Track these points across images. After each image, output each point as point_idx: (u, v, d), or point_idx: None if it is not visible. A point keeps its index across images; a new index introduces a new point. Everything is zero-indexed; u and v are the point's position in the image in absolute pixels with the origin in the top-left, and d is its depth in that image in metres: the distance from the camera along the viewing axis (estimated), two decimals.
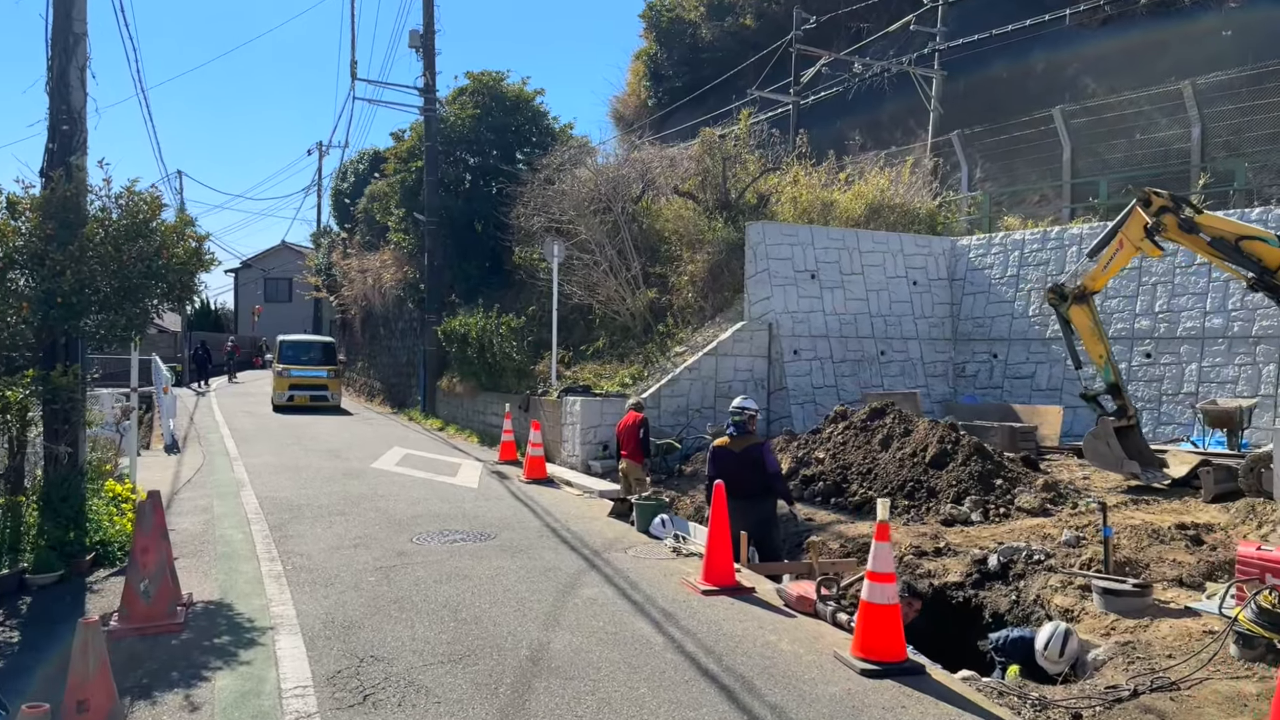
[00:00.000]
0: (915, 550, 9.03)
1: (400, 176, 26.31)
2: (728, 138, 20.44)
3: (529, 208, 20.87)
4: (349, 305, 34.75)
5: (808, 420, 16.29)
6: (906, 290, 18.13)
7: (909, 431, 11.74)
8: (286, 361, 26.46)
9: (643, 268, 19.20)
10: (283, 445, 17.60)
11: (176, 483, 13.18)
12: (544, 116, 26.35)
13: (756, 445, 8.45)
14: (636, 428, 11.81)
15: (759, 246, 16.95)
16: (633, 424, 11.85)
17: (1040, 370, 17.00)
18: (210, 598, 7.13)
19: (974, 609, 8.04)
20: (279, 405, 25.59)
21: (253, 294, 58.20)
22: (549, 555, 8.61)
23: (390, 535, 9.58)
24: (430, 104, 23.94)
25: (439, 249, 24.55)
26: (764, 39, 34.71)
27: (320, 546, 9.00)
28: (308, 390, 25.87)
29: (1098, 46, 27.25)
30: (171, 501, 11.61)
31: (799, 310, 16.88)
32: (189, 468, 14.73)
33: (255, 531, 9.72)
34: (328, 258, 39.16)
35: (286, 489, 12.66)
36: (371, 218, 30.44)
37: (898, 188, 20.72)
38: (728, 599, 7.14)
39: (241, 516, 10.61)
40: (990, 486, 10.48)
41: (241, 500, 11.75)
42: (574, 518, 10.73)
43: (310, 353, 27.43)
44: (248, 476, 13.71)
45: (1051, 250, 17.36)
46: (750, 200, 20.06)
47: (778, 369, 16.56)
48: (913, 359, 17.86)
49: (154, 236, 7.88)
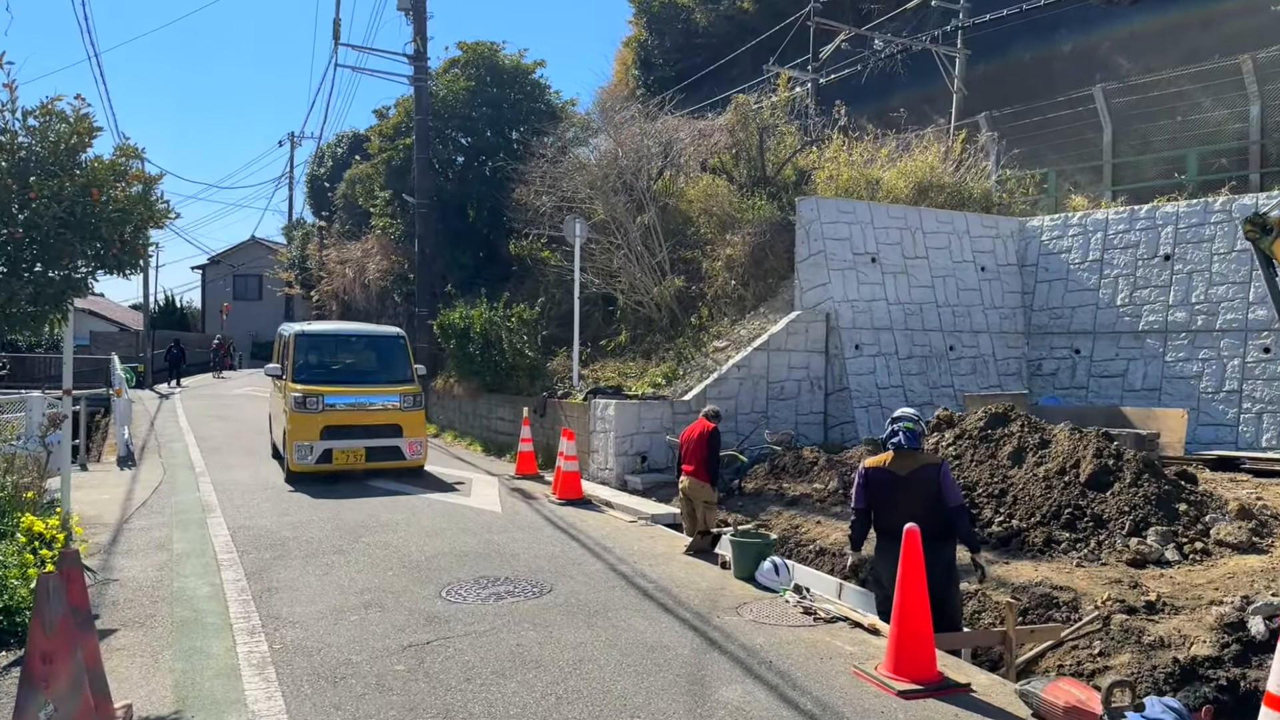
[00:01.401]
0: (1120, 605, 6.77)
1: (386, 155, 23.77)
2: (764, 107, 18.14)
3: (536, 186, 18.46)
4: (326, 301, 32.09)
5: (874, 427, 14.02)
6: (974, 277, 15.92)
7: (1045, 442, 9.48)
8: (312, 379, 12.97)
9: (669, 252, 16.85)
10: (258, 457, 15.06)
11: (127, 507, 10.65)
12: (545, 90, 23.94)
13: (933, 466, 6.13)
14: (705, 440, 9.44)
15: (812, 225, 14.66)
16: (702, 435, 9.48)
17: (1133, 368, 14.84)
18: (161, 711, 4.70)
19: (1242, 696, 5.78)
20: (301, 471, 12.34)
21: (221, 291, 55.21)
22: (639, 622, 6.23)
23: (411, 585, 7.18)
24: (422, 73, 21.43)
25: (430, 235, 22.01)
26: (762, 24, 32.59)
27: (319, 608, 6.57)
28: (363, 439, 12.62)
29: (1130, 26, 25.60)
30: (119, 534, 9.11)
31: (859, 299, 14.60)
32: (145, 486, 12.18)
33: (227, 581, 7.27)
34: (302, 251, 36.49)
35: (265, 515, 10.19)
36: (353, 203, 27.84)
37: (948, 165, 18.53)
38: (944, 706, 4.82)
39: (209, 557, 8.15)
40: (1173, 513, 8.24)
41: (209, 531, 9.27)
42: (640, 555, 8.36)
43: (362, 358, 14.17)
44: (216, 498, 11.21)
45: (1141, 231, 15.20)
46: (789, 176, 17.78)
47: (837, 366, 14.27)
48: (984, 355, 15.64)
49: (80, 172, 5.43)
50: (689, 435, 9.69)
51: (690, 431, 9.70)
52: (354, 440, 12.39)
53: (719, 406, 11.26)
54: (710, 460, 9.49)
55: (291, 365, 13.01)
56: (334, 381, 13.03)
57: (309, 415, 12.25)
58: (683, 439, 9.82)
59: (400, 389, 13.11)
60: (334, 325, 16.12)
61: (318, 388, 12.56)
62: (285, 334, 14.15)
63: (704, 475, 9.48)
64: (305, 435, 12.19)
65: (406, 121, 23.25)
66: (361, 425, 12.50)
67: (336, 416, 12.39)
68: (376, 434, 12.58)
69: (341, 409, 12.48)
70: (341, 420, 12.41)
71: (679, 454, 9.87)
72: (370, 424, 12.58)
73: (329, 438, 12.22)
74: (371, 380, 13.37)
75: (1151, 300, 14.82)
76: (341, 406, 12.50)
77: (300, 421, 12.28)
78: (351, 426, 12.43)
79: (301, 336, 13.46)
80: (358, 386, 13.05)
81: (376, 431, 12.60)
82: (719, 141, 17.79)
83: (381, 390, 13.02)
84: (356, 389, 12.95)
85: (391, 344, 14.14)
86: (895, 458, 6.13)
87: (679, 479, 9.79)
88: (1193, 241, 14.57)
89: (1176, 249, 14.70)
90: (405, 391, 13.08)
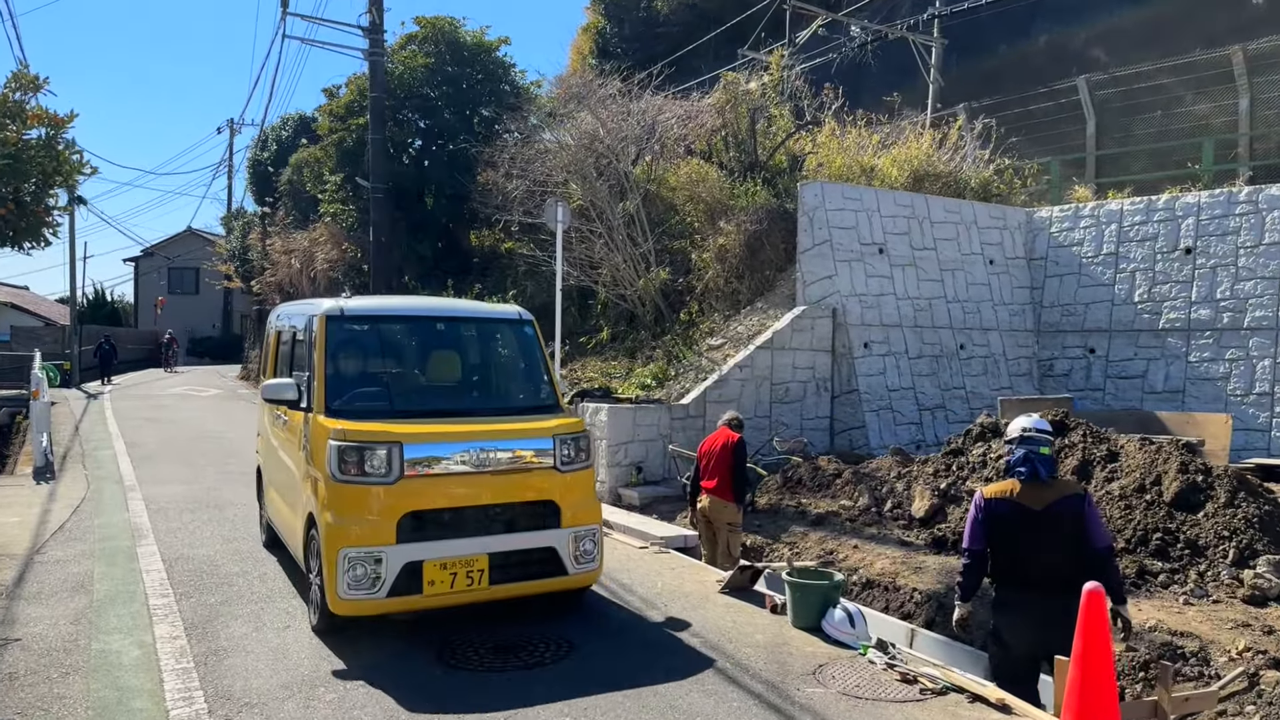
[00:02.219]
0: (1265, 658, 5.62)
1: (337, 136, 22.07)
2: (754, 88, 16.89)
3: (505, 169, 16.99)
4: (268, 294, 30.14)
5: (885, 433, 12.90)
6: (983, 270, 14.86)
7: (1113, 454, 8.37)
8: (368, 409, 6.30)
9: (654, 242, 15.52)
10: (196, 466, 13.39)
11: (41, 532, 9.00)
12: (509, 69, 22.46)
13: (1074, 499, 4.87)
14: (729, 453, 8.15)
15: (816, 212, 13.44)
16: (725, 447, 8.18)
17: (1154, 368, 13.89)
18: None
19: None
20: (355, 614, 5.69)
21: (155, 285, 52.49)
22: (701, 701, 4.87)
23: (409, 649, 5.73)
24: (377, 46, 19.78)
25: (386, 223, 20.38)
26: (726, 12, 31.56)
27: (281, 678, 5.12)
28: (482, 533, 5.93)
29: (1109, 19, 25.09)
30: (28, 569, 7.52)
31: (868, 293, 13.43)
32: (65, 504, 10.49)
33: (162, 639, 5.77)
34: (242, 241, 34.40)
35: (208, 540, 8.64)
36: (299, 189, 26.02)
37: (942, 153, 17.49)
38: None
39: (139, 602, 6.62)
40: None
41: (140, 564, 7.71)
42: (668, 596, 7.00)
43: (456, 364, 7.37)
44: (149, 519, 9.60)
45: (1159, 223, 14.26)
46: (780, 162, 16.56)
47: (844, 366, 13.08)
48: (994, 354, 14.59)
49: None
50: (709, 447, 8.39)
51: (710, 443, 8.40)
52: (465, 539, 5.84)
53: (720, 410, 10.03)
54: (735, 476, 8.20)
55: (320, 380, 6.31)
56: (413, 412, 6.40)
57: (371, 489, 5.70)
58: (701, 452, 8.51)
59: (545, 423, 6.41)
60: (399, 302, 8.47)
61: (384, 427, 5.91)
62: (294, 321, 7.44)
63: (728, 493, 8.19)
64: (363, 534, 5.62)
65: (360, 100, 21.61)
66: (479, 506, 5.94)
67: (431, 489, 5.83)
68: (508, 521, 6.03)
69: (441, 472, 5.87)
70: (442, 496, 5.85)
71: (696, 469, 8.57)
72: (497, 501, 5.99)
73: (414, 536, 5.70)
74: (484, 406, 6.96)
75: (1172, 296, 13.89)
76: (442, 467, 5.88)
77: (351, 503, 5.71)
78: (461, 510, 5.89)
79: (340, 322, 6.60)
80: (462, 420, 6.37)
81: (508, 517, 6.03)
82: (705, 123, 16.49)
83: (510, 426, 6.30)
84: (461, 425, 6.22)
85: (513, 334, 7.37)
86: (1024, 488, 4.87)
87: (696, 497, 8.50)
88: (1216, 234, 13.66)
89: (1198, 242, 13.78)
90: (558, 429, 6.32)
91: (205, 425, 18.98)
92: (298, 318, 7.35)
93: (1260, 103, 19.98)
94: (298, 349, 7.16)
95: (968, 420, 14.26)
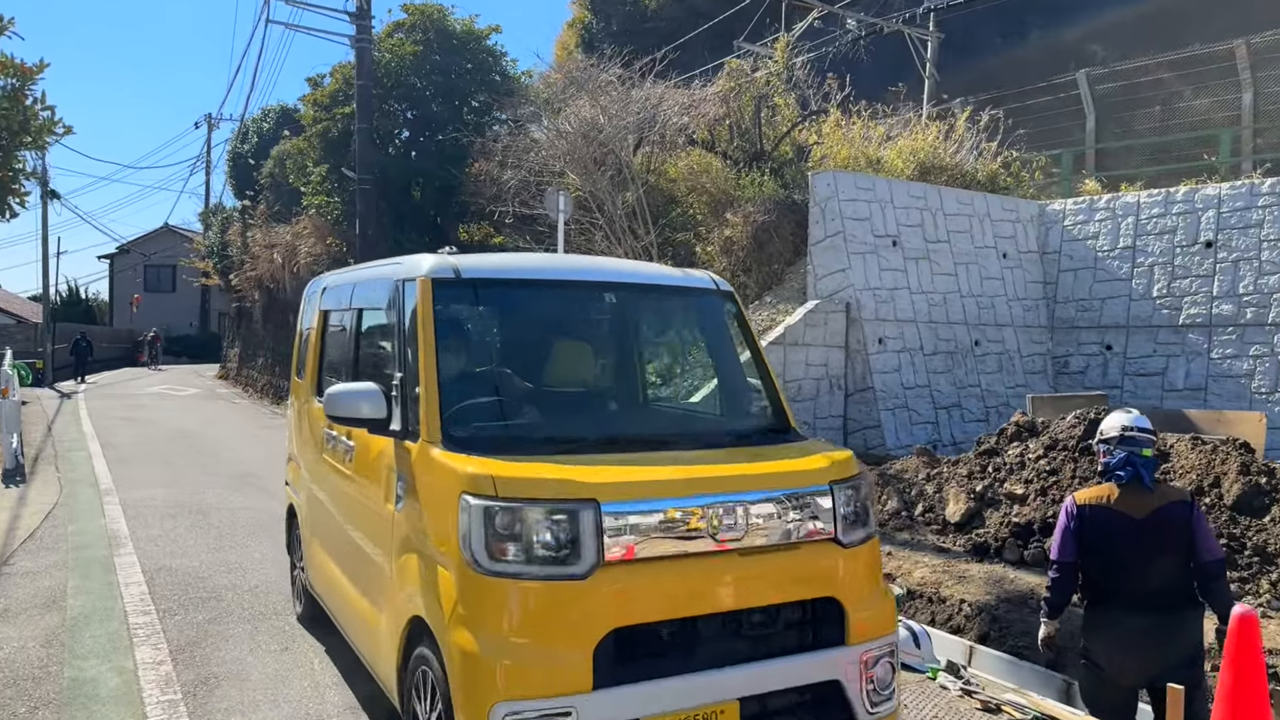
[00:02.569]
0: None
1: (322, 126, 21.34)
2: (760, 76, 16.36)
3: (499, 158, 16.37)
4: (248, 291, 29.33)
5: (901, 433, 12.39)
6: (997, 264, 14.38)
7: (1163, 455, 7.87)
8: (523, 442, 3.57)
9: (656, 234, 14.95)
10: (177, 466, 12.69)
11: (10, 540, 8.33)
12: (500, 59, 21.83)
13: (1181, 505, 4.33)
14: None
15: (829, 203, 12.90)
16: None
17: (1174, 365, 13.45)
18: None
19: None
20: None
21: (131, 282, 51.45)
22: None
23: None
24: (365, 32, 19.06)
25: (372, 215, 19.68)
26: (716, 8, 31.18)
27: (288, 712, 4.51)
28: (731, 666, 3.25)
29: (1105, 15, 24.87)
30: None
31: (881, 287, 12.91)
32: (36, 509, 9.79)
33: (144, 665, 5.15)
34: (221, 237, 33.54)
35: (193, 549, 7.99)
36: (281, 182, 25.24)
37: (948, 145, 17.02)
38: None
39: (117, 620, 5.98)
40: None
41: (118, 577, 7.07)
42: None
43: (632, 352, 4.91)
44: (127, 526, 8.94)
45: (1178, 216, 13.82)
46: (785, 153, 16.03)
47: (858, 363, 12.56)
48: (1009, 350, 14.11)
49: None
50: None
51: None
52: (703, 675, 3.20)
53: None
54: None
55: (431, 387, 3.59)
56: (584, 441, 3.68)
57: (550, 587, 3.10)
58: None
59: (808, 461, 3.71)
60: (532, 261, 5.22)
61: (560, 470, 3.22)
62: (359, 294, 4.90)
63: None
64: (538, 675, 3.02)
65: (345, 89, 20.90)
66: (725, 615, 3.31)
67: (650, 585, 3.17)
68: (766, 639, 3.38)
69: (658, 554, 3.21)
70: (663, 597, 3.19)
71: None
72: (752, 604, 3.35)
73: (620, 674, 3.07)
74: (686, 430, 4.64)
75: (1193, 291, 13.46)
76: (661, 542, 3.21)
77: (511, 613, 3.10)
78: (694, 623, 3.25)
79: (455, 289, 3.93)
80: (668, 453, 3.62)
81: (767, 631, 3.39)
82: (708, 112, 15.91)
83: (757, 469, 3.56)
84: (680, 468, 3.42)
85: (710, 313, 4.90)
86: (1123, 493, 4.32)
87: None
88: (1238, 227, 13.24)
89: (1220, 235, 13.36)
90: (832, 470, 3.65)
91: (184, 424, 18.24)
92: (368, 287, 4.71)
93: (1264, 97, 19.66)
94: (367, 340, 4.75)
95: (983, 419, 13.80)
